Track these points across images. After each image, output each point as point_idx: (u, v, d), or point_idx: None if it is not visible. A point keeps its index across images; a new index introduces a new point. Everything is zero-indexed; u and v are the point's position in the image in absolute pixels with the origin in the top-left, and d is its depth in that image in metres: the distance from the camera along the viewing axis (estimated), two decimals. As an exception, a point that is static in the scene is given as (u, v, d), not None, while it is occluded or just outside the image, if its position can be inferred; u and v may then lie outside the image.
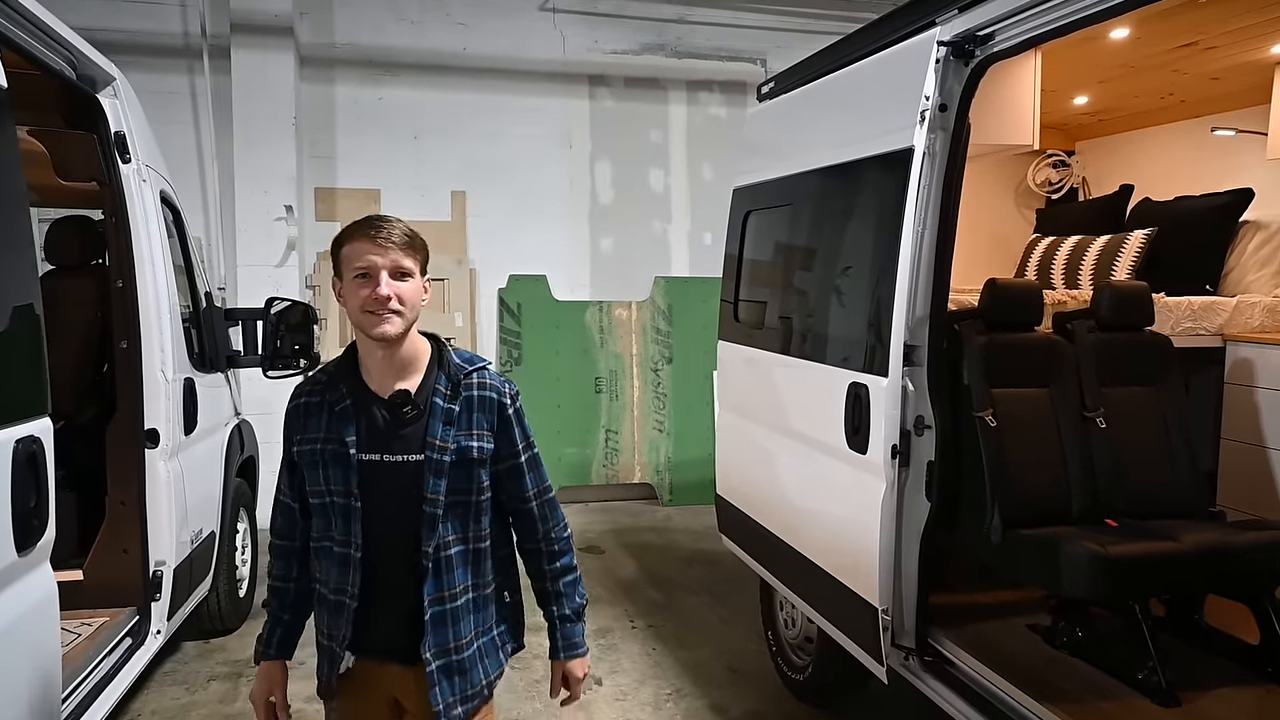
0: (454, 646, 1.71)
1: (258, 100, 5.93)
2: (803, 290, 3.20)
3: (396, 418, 1.68)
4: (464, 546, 1.72)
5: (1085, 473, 2.74)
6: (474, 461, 1.71)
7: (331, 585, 1.71)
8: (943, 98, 2.62)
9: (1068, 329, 2.88)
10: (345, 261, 1.66)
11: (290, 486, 1.81)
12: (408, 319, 1.65)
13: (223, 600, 4.06)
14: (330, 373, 1.75)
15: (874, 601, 2.73)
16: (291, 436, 1.76)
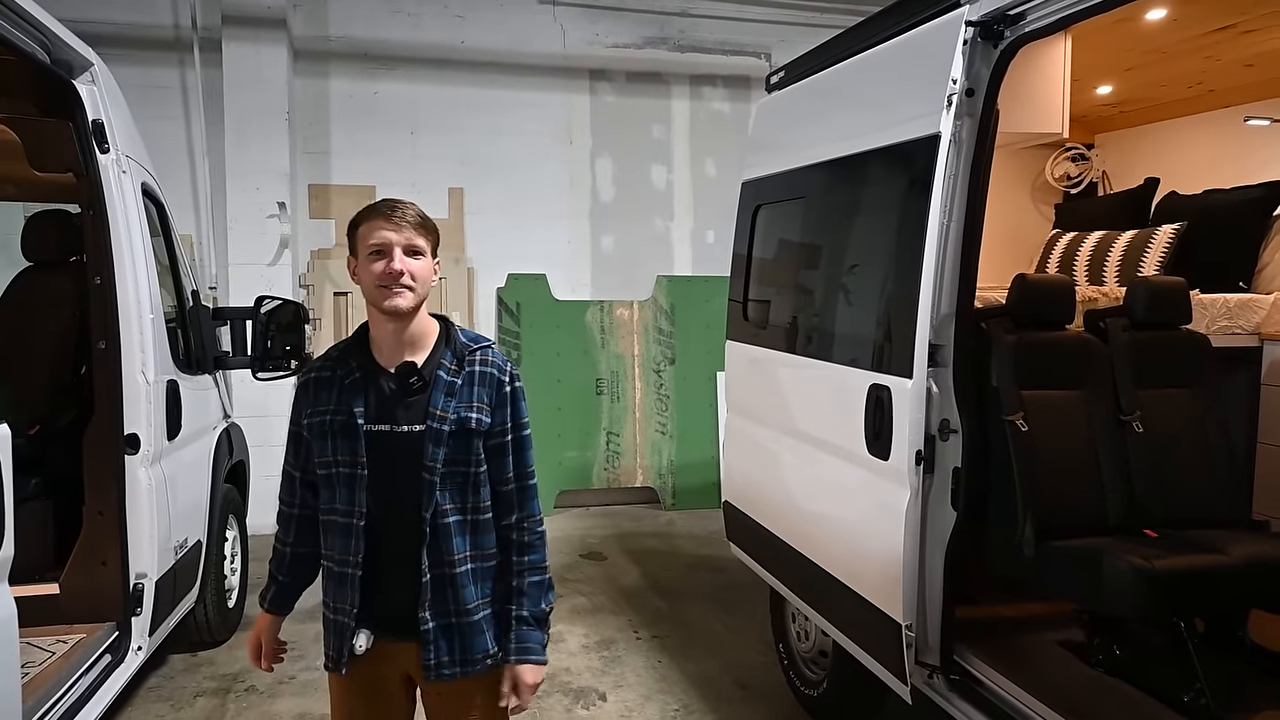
0: (454, 610, 1.75)
1: (250, 94, 5.78)
2: (818, 287, 3.05)
3: (403, 389, 1.75)
4: (462, 516, 1.77)
5: (1121, 480, 2.58)
6: (472, 432, 1.76)
7: (336, 556, 1.76)
8: (969, 82, 2.47)
9: (1101, 327, 2.72)
10: (361, 239, 1.74)
11: (295, 457, 1.85)
12: (419, 295, 1.72)
13: (211, 611, 3.90)
14: (341, 349, 1.82)
15: (897, 617, 2.58)
16: (301, 410, 1.80)
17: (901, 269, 2.57)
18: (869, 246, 2.75)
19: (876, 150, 2.70)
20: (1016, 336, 2.62)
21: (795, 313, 3.20)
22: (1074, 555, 2.34)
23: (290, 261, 5.87)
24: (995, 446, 2.58)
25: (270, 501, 6.10)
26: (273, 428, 5.86)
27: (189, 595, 3.54)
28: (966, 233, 2.50)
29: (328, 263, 6.20)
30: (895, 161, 2.62)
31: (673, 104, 6.87)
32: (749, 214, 3.66)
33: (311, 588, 1.97)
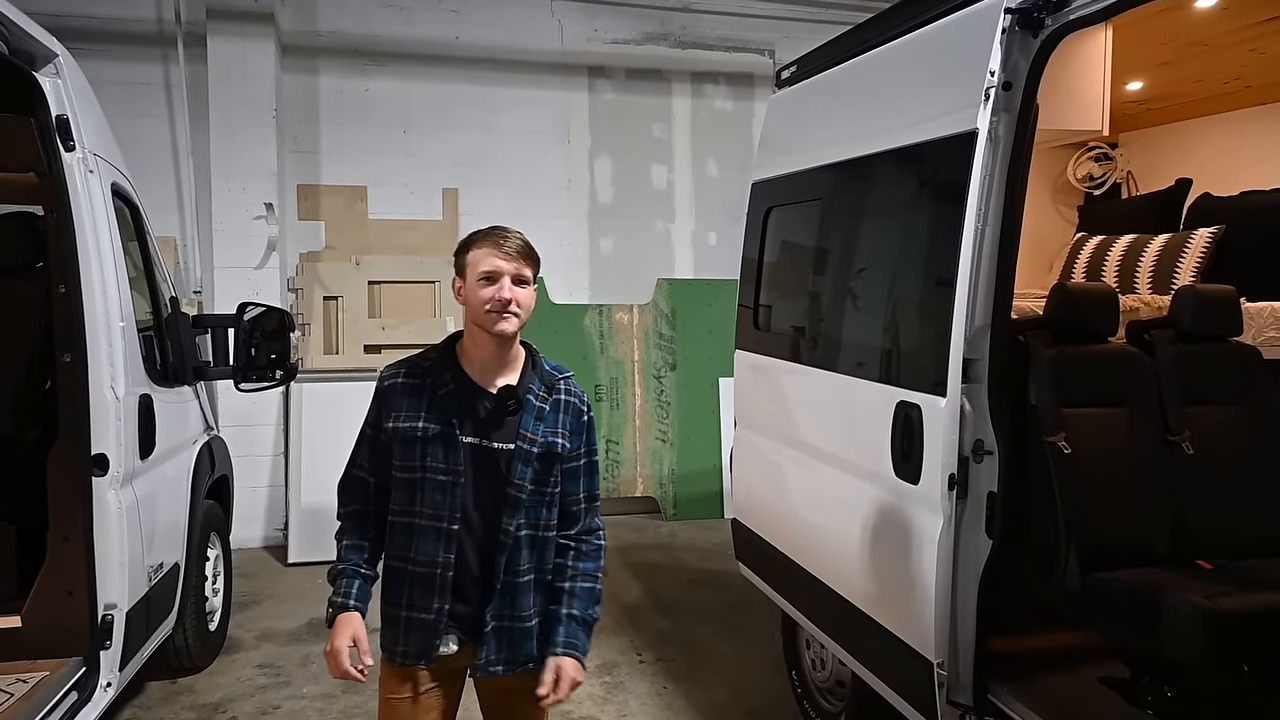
0: (512, 614, 1.89)
1: (236, 91, 5.57)
2: (839, 295, 2.85)
3: (499, 409, 1.87)
4: (533, 532, 1.91)
5: (1170, 506, 2.39)
6: (555, 456, 1.91)
7: (420, 557, 1.85)
8: (1007, 75, 2.28)
9: (1146, 340, 2.53)
10: (471, 264, 1.86)
11: (369, 461, 1.94)
12: (523, 320, 1.85)
13: (190, 637, 3.68)
14: (434, 360, 1.92)
15: (927, 654, 2.38)
16: (386, 413, 1.89)
17: (933, 277, 2.37)
18: (896, 252, 2.56)
19: (904, 149, 2.51)
20: (1056, 350, 2.42)
21: (812, 322, 3.00)
22: (1126, 591, 2.15)
23: (278, 264, 5.66)
24: (1033, 469, 2.38)
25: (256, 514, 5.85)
26: (257, 438, 5.65)
27: (165, 623, 3.33)
28: (1003, 238, 2.31)
29: (317, 266, 5.99)
30: (925, 161, 2.43)
31: (674, 102, 6.68)
32: (760, 216, 3.46)
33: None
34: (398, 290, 6.14)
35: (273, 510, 5.73)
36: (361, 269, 6.04)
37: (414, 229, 6.20)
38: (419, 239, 6.20)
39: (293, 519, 5.45)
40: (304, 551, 5.39)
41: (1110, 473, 2.38)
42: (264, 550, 5.63)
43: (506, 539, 1.86)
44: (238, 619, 4.43)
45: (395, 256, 6.12)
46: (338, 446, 5.60)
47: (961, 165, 2.26)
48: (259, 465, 5.68)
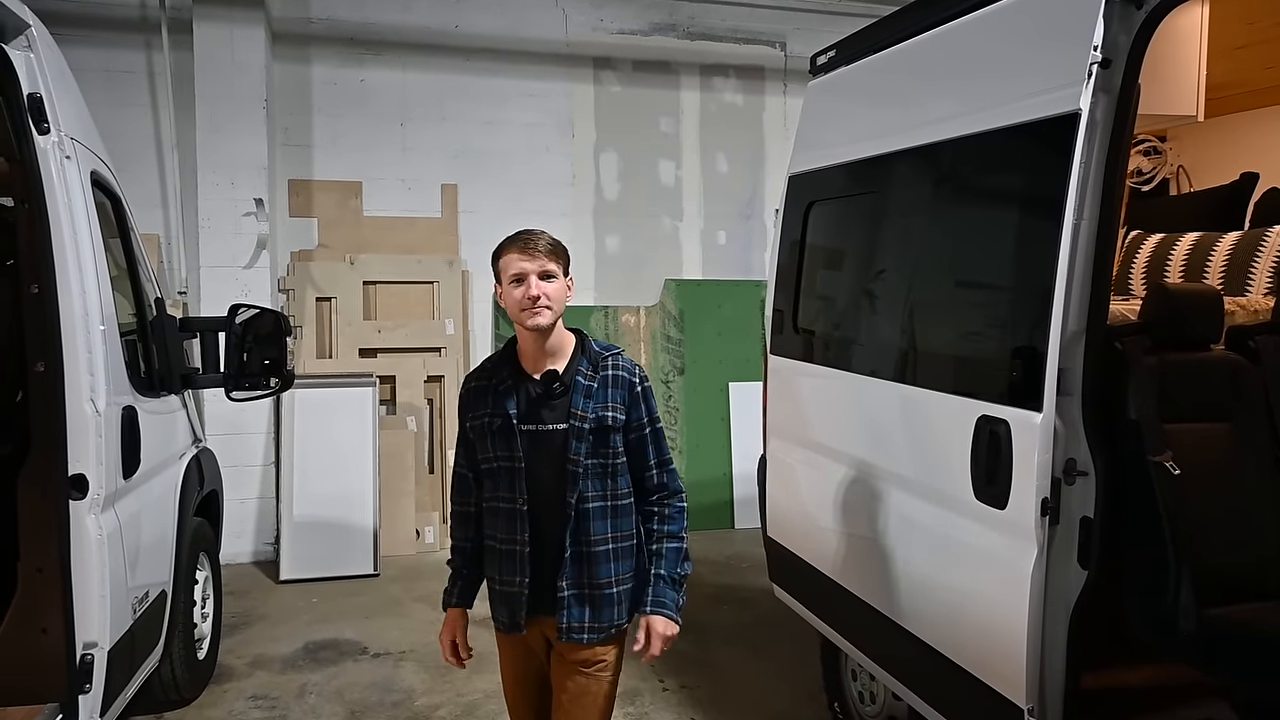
0: (588, 582, 2.05)
1: (224, 81, 5.27)
2: (902, 297, 2.59)
3: (547, 393, 2.04)
4: (604, 502, 2.07)
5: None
6: (609, 429, 2.05)
7: (503, 537, 2.08)
8: (1105, 52, 2.03)
9: (1251, 346, 2.28)
10: (503, 269, 2.01)
11: (466, 459, 2.19)
12: (555, 312, 1.99)
13: (178, 668, 3.39)
14: (495, 361, 2.13)
15: (1016, 699, 2.13)
16: (466, 414, 2.14)
17: (1024, 276, 2.13)
18: (975, 249, 2.30)
19: (985, 134, 2.25)
20: (1157, 358, 2.17)
21: (868, 327, 2.74)
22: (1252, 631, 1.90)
23: (269, 264, 5.35)
24: (1134, 492, 2.13)
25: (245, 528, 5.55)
26: (247, 446, 5.34)
27: (151, 656, 3.03)
28: (1100, 234, 2.06)
29: (309, 265, 5.68)
30: (1013, 146, 2.18)
31: (682, 95, 6.42)
32: (799, 212, 3.20)
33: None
34: (394, 291, 5.84)
35: (263, 523, 5.42)
36: (356, 269, 5.74)
37: (411, 226, 5.91)
38: (417, 237, 5.91)
39: (284, 533, 5.15)
40: (297, 568, 5.09)
41: (1219, 496, 2.13)
42: (254, 566, 5.32)
43: (569, 511, 2.03)
44: (228, 643, 4.12)
45: (392, 255, 5.83)
46: (331, 456, 5.38)
47: (1059, 151, 2.01)
48: (248, 476, 5.37)
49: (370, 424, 5.37)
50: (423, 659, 4.02)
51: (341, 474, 5.28)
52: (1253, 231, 3.10)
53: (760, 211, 6.57)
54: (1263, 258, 3.01)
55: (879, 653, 2.73)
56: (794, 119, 6.67)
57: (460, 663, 2.25)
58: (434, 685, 3.76)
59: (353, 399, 5.43)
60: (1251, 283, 3.02)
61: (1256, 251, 3.03)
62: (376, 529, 5.25)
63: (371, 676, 3.87)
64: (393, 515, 5.50)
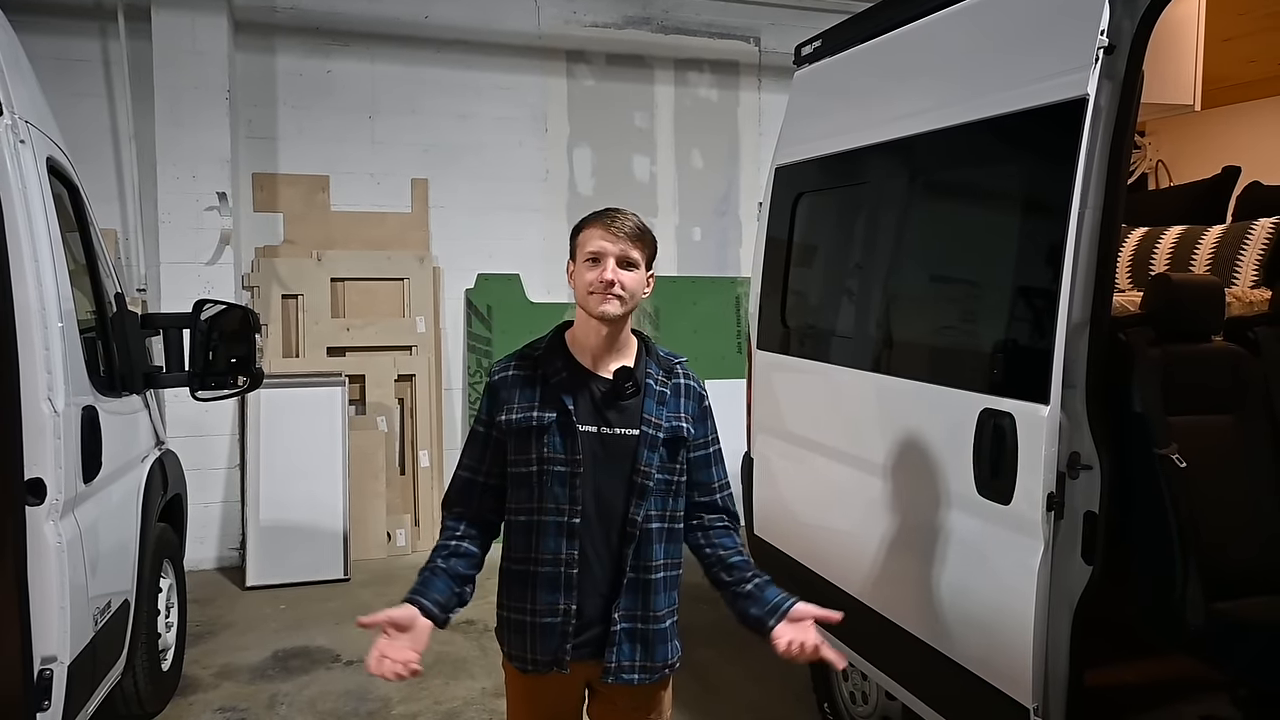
0: (642, 615, 1.80)
1: (184, 71, 5.07)
2: (898, 290, 2.54)
3: (614, 393, 1.79)
4: (663, 524, 1.82)
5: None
6: (681, 441, 1.84)
7: (543, 555, 1.77)
8: (1110, 37, 1.99)
9: (1251, 338, 2.27)
10: (580, 245, 1.80)
11: (479, 460, 1.86)
12: (628, 304, 1.76)
13: (141, 680, 3.23)
14: (543, 348, 1.85)
15: (1022, 699, 2.08)
16: (499, 408, 1.82)
17: (1029, 267, 2.08)
18: (977, 239, 2.25)
19: (986, 121, 2.20)
20: (1161, 350, 2.14)
21: (861, 319, 2.69)
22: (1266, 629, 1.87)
23: (232, 260, 5.18)
24: (1139, 486, 2.10)
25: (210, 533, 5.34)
26: (211, 448, 5.16)
27: (114, 669, 2.88)
28: (1104, 222, 2.03)
29: (275, 261, 5.51)
30: (1016, 133, 2.13)
31: (656, 90, 6.34)
32: (787, 204, 3.14)
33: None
34: (363, 288, 5.69)
35: (227, 528, 5.24)
36: (324, 265, 5.58)
37: (381, 222, 5.76)
38: (386, 233, 5.76)
39: (251, 538, 4.98)
40: (264, 573, 4.92)
41: (1224, 489, 2.11)
42: (219, 572, 5.14)
43: (634, 530, 1.77)
44: (193, 653, 3.96)
45: (360, 251, 5.67)
46: (298, 458, 5.21)
47: (1065, 137, 1.97)
48: (212, 479, 5.19)
49: (339, 425, 5.22)
50: (398, 666, 3.90)
51: (310, 476, 5.12)
52: (1238, 224, 3.10)
53: (735, 208, 6.52)
54: (1248, 251, 3.01)
55: (873, 652, 2.68)
56: (769, 115, 6.65)
57: (401, 672, 1.69)
58: (410, 693, 3.65)
59: (321, 399, 5.28)
60: (1237, 276, 3.02)
61: (1242, 245, 3.03)
62: (346, 532, 5.10)
63: (345, 685, 3.74)
64: (363, 518, 5.35)
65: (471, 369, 5.91)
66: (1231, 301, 2.43)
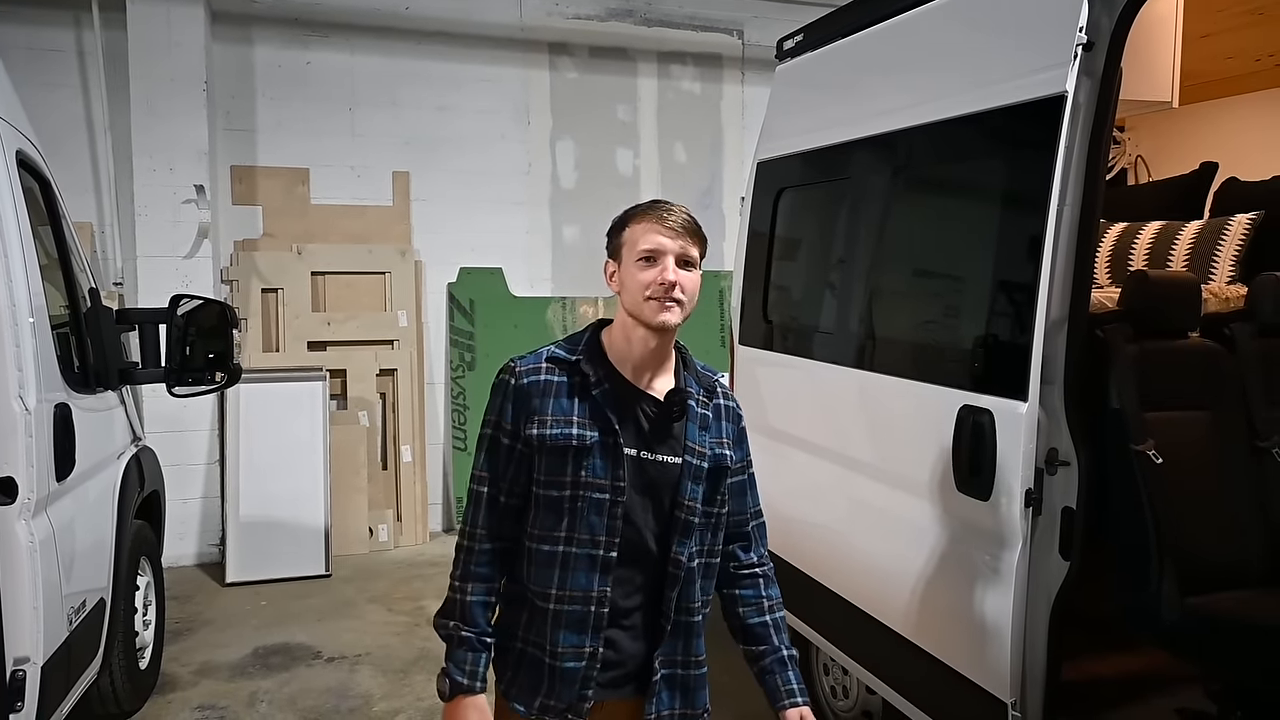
0: (682, 660, 1.63)
1: (160, 62, 5.00)
2: (879, 285, 2.54)
3: (663, 415, 1.59)
4: (703, 560, 1.64)
5: (1264, 520, 2.15)
6: (724, 470, 1.65)
7: (571, 592, 1.55)
8: (1088, 34, 2.00)
9: (1226, 334, 2.28)
10: (629, 242, 1.57)
11: (500, 473, 1.60)
12: (687, 310, 1.56)
13: (119, 679, 3.20)
14: (582, 353, 1.61)
15: (1000, 693, 2.10)
16: (526, 416, 1.57)
17: (1008, 263, 2.09)
18: (957, 235, 2.26)
19: (966, 117, 2.20)
20: (1138, 347, 2.15)
21: (842, 315, 2.69)
22: (1236, 621, 1.89)
23: (210, 254, 5.12)
24: (1115, 482, 2.11)
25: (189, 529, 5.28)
26: (190, 444, 5.11)
27: (89, 669, 2.85)
28: (1083, 219, 2.03)
29: (254, 255, 5.45)
30: (996, 129, 2.14)
31: (639, 82, 6.31)
32: (769, 199, 3.14)
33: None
34: (344, 282, 5.64)
35: (207, 524, 5.20)
36: (304, 259, 5.53)
37: (362, 215, 5.71)
38: (367, 226, 5.71)
39: (230, 534, 4.94)
40: (244, 569, 4.89)
41: (1200, 485, 2.13)
42: (198, 569, 5.10)
43: (678, 570, 1.57)
44: (172, 651, 3.93)
45: (341, 245, 5.63)
46: (279, 453, 5.17)
47: (1044, 133, 1.97)
48: (191, 475, 5.14)
49: (320, 419, 5.18)
50: (379, 662, 3.88)
51: (290, 472, 5.08)
52: (1215, 220, 3.12)
53: (719, 201, 6.51)
54: (1225, 246, 3.03)
55: (853, 647, 2.69)
56: (752, 108, 6.63)
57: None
58: (392, 690, 3.63)
59: (301, 394, 5.23)
60: (1214, 272, 3.04)
61: (1219, 240, 3.05)
62: (328, 528, 5.07)
63: (326, 682, 3.72)
64: (344, 513, 5.32)
65: (454, 363, 5.88)
66: (1208, 298, 2.45)
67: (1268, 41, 3.04)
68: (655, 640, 1.59)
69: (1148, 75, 2.75)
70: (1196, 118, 3.72)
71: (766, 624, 1.70)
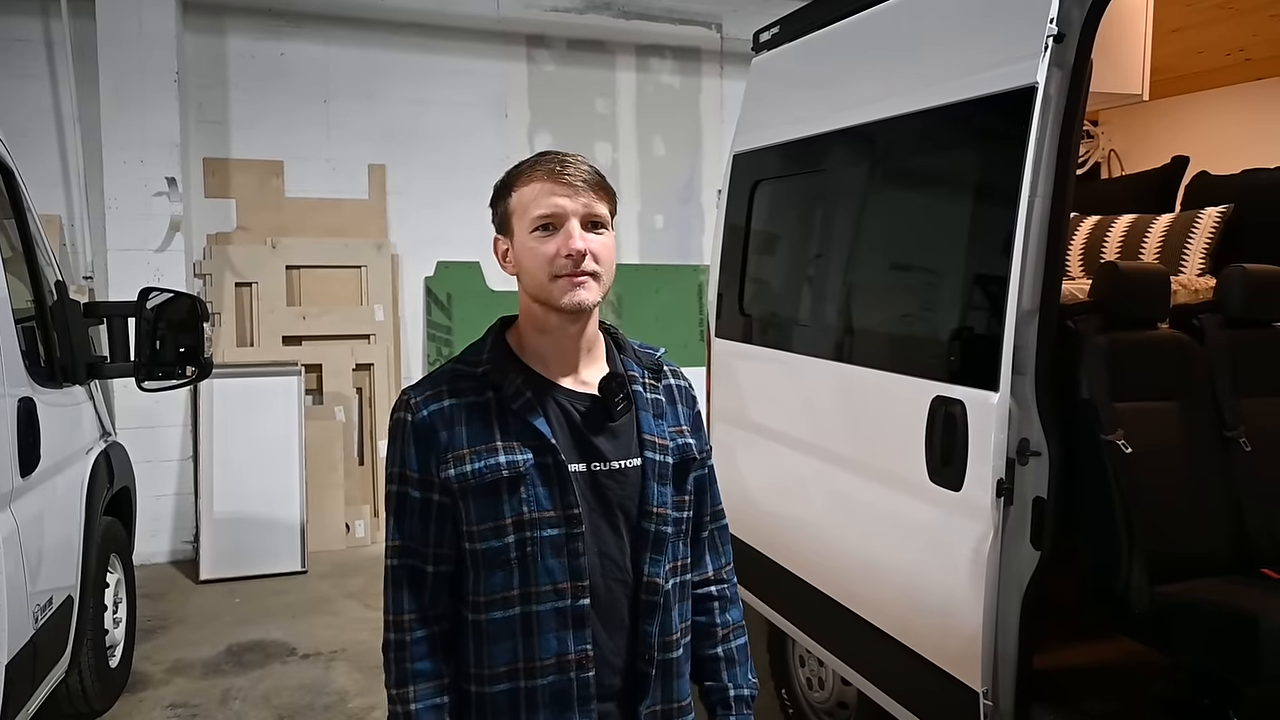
0: (667, 704, 1.33)
1: (130, 52, 4.93)
2: (851, 277, 2.54)
3: (600, 413, 1.29)
4: (677, 580, 1.35)
5: (1230, 509, 2.17)
6: (691, 462, 1.37)
7: (542, 663, 1.24)
8: (1059, 25, 2.00)
9: (1195, 325, 2.30)
10: (518, 210, 1.26)
11: (423, 541, 1.27)
12: (605, 283, 1.26)
13: (87, 677, 3.16)
14: (487, 361, 1.29)
15: (971, 683, 2.10)
16: (437, 457, 1.25)
17: (980, 254, 2.09)
18: (929, 227, 2.26)
19: (938, 109, 2.20)
20: (1109, 338, 2.17)
21: (817, 307, 2.69)
22: (1206, 609, 1.91)
23: (183, 247, 5.05)
24: (1085, 472, 2.12)
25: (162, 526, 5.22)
26: (161, 440, 5.05)
27: (57, 667, 2.81)
28: (1054, 210, 2.04)
29: (228, 249, 5.39)
30: (968, 121, 2.14)
31: (618, 75, 6.30)
32: (744, 192, 3.13)
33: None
34: (319, 275, 5.59)
35: (180, 520, 5.14)
36: (278, 252, 5.47)
37: (337, 209, 5.66)
38: (343, 220, 5.66)
39: (204, 530, 4.89)
40: (218, 566, 4.84)
41: (1169, 474, 2.14)
42: (171, 566, 5.04)
43: (655, 597, 1.28)
44: (144, 649, 3.88)
45: (316, 239, 5.57)
46: (253, 449, 5.12)
47: (1015, 125, 1.97)
48: (164, 471, 5.08)
49: (295, 415, 5.13)
50: (355, 659, 3.86)
51: (265, 468, 5.04)
52: (1185, 213, 3.15)
53: (698, 195, 6.51)
54: (1195, 239, 3.06)
55: (828, 639, 2.70)
56: (730, 102, 6.63)
57: None
58: (368, 686, 3.61)
59: (276, 389, 5.19)
60: (1185, 264, 3.07)
61: (1189, 233, 3.08)
62: (304, 524, 5.03)
63: (301, 679, 3.69)
64: (321, 509, 5.28)
65: (431, 358, 5.84)
66: (1178, 289, 2.47)
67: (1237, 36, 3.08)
68: (635, 686, 1.30)
69: (1118, 68, 2.77)
70: (1169, 112, 3.75)
71: (718, 657, 1.43)
